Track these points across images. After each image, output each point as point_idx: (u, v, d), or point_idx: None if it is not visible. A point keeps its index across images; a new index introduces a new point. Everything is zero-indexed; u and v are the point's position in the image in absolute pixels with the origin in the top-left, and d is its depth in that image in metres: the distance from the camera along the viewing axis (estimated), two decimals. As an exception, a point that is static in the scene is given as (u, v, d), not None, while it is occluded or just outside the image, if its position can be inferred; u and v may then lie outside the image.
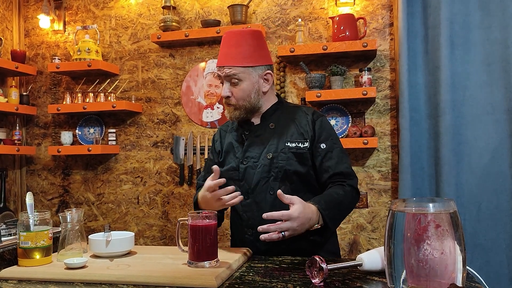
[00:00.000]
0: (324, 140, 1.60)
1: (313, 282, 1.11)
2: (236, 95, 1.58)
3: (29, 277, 1.23)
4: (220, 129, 1.78)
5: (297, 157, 1.57)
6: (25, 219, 1.33)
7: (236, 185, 1.57)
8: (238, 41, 1.58)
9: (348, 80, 2.76)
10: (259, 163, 1.58)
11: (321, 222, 1.42)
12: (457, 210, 0.87)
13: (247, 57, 1.58)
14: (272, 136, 1.61)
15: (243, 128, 1.66)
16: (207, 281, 1.11)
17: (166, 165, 3.05)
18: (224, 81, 1.59)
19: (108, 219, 3.13)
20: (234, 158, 1.63)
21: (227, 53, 1.58)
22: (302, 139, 1.59)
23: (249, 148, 1.61)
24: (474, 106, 2.43)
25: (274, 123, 1.63)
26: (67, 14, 3.27)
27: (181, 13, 3.04)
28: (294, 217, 1.33)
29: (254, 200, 1.57)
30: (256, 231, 1.48)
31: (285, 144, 1.58)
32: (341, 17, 2.64)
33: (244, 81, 1.58)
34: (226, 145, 1.68)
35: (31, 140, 3.31)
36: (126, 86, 3.13)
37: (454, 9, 2.45)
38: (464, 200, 2.41)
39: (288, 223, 1.32)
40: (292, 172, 1.55)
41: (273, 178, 1.56)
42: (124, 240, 1.41)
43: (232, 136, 1.69)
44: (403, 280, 0.86)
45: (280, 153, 1.57)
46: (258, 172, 1.57)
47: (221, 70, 1.58)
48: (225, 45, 1.60)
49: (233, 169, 1.61)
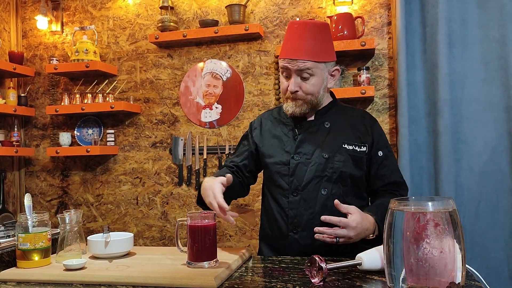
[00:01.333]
0: (381, 148, 1.60)
1: (312, 281, 1.11)
2: (306, 90, 1.53)
3: (28, 279, 1.23)
4: (261, 117, 1.73)
5: (354, 161, 1.54)
6: (24, 221, 1.33)
7: (284, 180, 1.55)
8: (310, 33, 1.52)
9: (347, 79, 2.76)
10: (313, 161, 1.53)
11: (376, 233, 1.42)
12: (456, 208, 0.87)
13: (320, 51, 1.53)
14: (327, 135, 1.57)
15: (295, 122, 1.61)
16: (207, 281, 1.10)
17: (165, 165, 3.05)
18: (293, 74, 1.52)
19: (107, 220, 3.13)
20: (282, 152, 1.58)
21: (299, 46, 1.51)
22: (359, 142, 1.56)
23: (302, 144, 1.56)
24: (473, 104, 2.43)
25: (329, 122, 1.59)
26: (64, 15, 3.26)
27: (179, 13, 3.04)
28: (352, 227, 1.34)
29: (303, 197, 1.51)
30: (302, 230, 1.49)
31: (342, 146, 1.54)
32: (339, 16, 2.64)
33: (315, 76, 1.53)
34: (271, 136, 1.63)
35: (29, 142, 3.31)
36: (124, 86, 3.12)
37: (451, 7, 2.45)
38: (463, 198, 2.41)
39: (344, 231, 1.33)
40: (347, 174, 1.53)
41: (327, 178, 1.52)
42: (123, 241, 1.41)
43: (280, 128, 1.63)
44: (403, 279, 0.86)
45: (337, 154, 1.53)
46: (311, 169, 1.52)
47: (292, 63, 1.51)
48: (295, 36, 1.52)
49: (282, 163, 1.56)
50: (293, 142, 1.57)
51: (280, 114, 1.68)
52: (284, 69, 1.54)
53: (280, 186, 1.56)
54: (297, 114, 1.56)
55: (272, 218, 1.61)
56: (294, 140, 1.57)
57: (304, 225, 1.50)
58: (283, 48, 1.56)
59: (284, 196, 1.55)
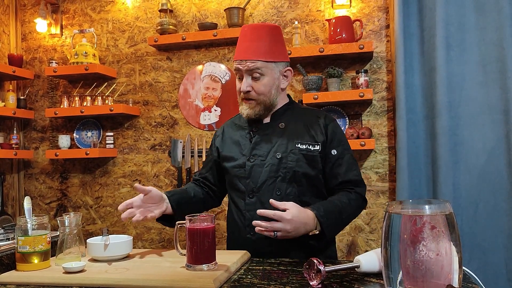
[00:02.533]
0: (335, 146, 1.59)
1: (311, 284, 1.11)
2: (257, 90, 1.55)
3: (27, 282, 1.23)
4: (224, 125, 1.76)
5: (307, 159, 1.55)
6: (23, 224, 1.33)
7: (241, 183, 1.57)
8: (260, 35, 1.55)
9: (345, 82, 2.77)
10: (267, 162, 1.55)
11: (318, 228, 1.43)
12: (453, 211, 0.87)
13: (269, 51, 1.56)
14: (281, 136, 1.58)
15: (251, 126, 1.63)
16: (206, 284, 1.11)
17: (164, 168, 3.05)
18: (244, 75, 1.55)
19: (107, 222, 3.13)
20: (240, 155, 1.60)
21: (248, 47, 1.54)
22: (313, 141, 1.57)
23: (256, 146, 1.58)
24: (470, 106, 2.44)
25: (284, 123, 1.61)
26: (64, 18, 3.27)
27: (178, 16, 3.05)
28: (286, 219, 1.35)
29: (259, 199, 1.53)
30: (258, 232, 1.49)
31: (295, 145, 1.55)
32: (337, 19, 2.65)
33: (266, 76, 1.56)
34: (231, 141, 1.65)
35: (28, 144, 3.31)
36: (124, 89, 3.13)
37: (449, 10, 2.46)
38: (461, 200, 2.42)
39: (280, 224, 1.35)
40: (301, 174, 1.53)
41: (280, 178, 1.53)
42: (122, 243, 1.41)
43: (239, 133, 1.66)
44: (400, 282, 0.86)
45: (290, 154, 1.54)
46: (266, 171, 1.54)
47: (242, 64, 1.54)
48: (246, 38, 1.56)
49: (239, 166, 1.59)
50: (249, 145, 1.60)
51: (240, 119, 1.70)
52: (237, 70, 1.58)
53: (238, 189, 1.59)
54: (252, 116, 1.58)
55: (232, 221, 1.63)
56: (250, 143, 1.60)
57: None
58: (235, 51, 1.60)
59: (242, 199, 1.57)
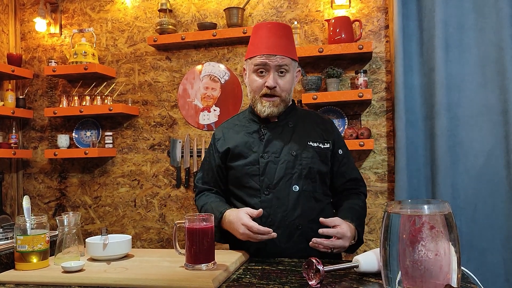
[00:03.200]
0: (341, 146, 1.66)
1: (309, 283, 1.11)
2: (282, 87, 1.55)
3: (26, 281, 1.23)
4: (222, 128, 1.71)
5: (320, 156, 1.58)
6: (22, 223, 1.33)
7: (254, 180, 1.55)
8: (285, 32, 1.57)
9: (344, 82, 2.77)
10: (282, 159, 1.55)
11: (356, 238, 1.49)
12: (451, 211, 0.88)
13: (293, 50, 1.58)
14: (292, 134, 1.60)
15: (260, 124, 1.62)
16: (204, 283, 1.11)
17: (163, 167, 3.05)
18: (272, 70, 1.53)
19: (105, 222, 3.13)
20: (250, 153, 1.57)
21: (277, 42, 1.53)
22: (323, 140, 1.61)
23: (269, 144, 1.57)
24: (469, 107, 2.45)
25: (292, 122, 1.62)
26: (63, 17, 3.27)
27: (177, 16, 3.05)
28: (348, 237, 1.40)
29: (275, 195, 1.52)
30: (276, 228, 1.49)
31: (307, 143, 1.58)
32: (336, 19, 2.65)
33: (290, 73, 1.57)
34: (237, 143, 1.61)
35: (27, 144, 3.31)
36: (123, 89, 3.13)
37: (448, 11, 2.47)
38: (460, 201, 2.42)
39: (341, 241, 1.39)
40: (316, 170, 1.56)
41: (297, 174, 1.54)
42: (121, 243, 1.41)
43: (243, 132, 1.63)
44: (399, 282, 0.86)
45: (304, 151, 1.56)
46: (281, 167, 1.54)
47: (271, 59, 1.52)
48: (271, 34, 1.55)
49: (251, 163, 1.56)
50: (259, 143, 1.58)
51: (240, 119, 1.69)
52: (261, 65, 1.54)
53: (250, 187, 1.57)
54: (274, 114, 1.57)
55: None
56: (260, 141, 1.58)
57: (279, 223, 1.51)
58: (257, 47, 1.56)
59: (255, 197, 1.55)
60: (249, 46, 1.62)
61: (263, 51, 1.53)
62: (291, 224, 1.51)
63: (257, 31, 1.59)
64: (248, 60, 1.60)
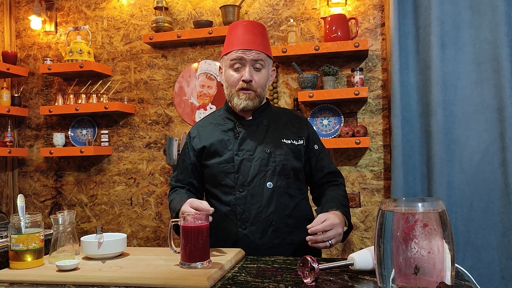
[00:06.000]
0: (316, 142, 1.72)
1: (304, 282, 1.11)
2: (258, 81, 1.58)
3: (20, 280, 1.23)
4: (197, 126, 1.73)
5: (294, 153, 1.62)
6: (16, 222, 1.33)
7: (230, 178, 1.58)
8: (260, 30, 1.62)
9: (340, 80, 2.77)
10: (256, 156, 1.58)
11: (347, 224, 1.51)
12: (445, 209, 0.88)
13: (267, 47, 1.62)
14: (266, 132, 1.63)
15: (235, 122, 1.65)
16: (199, 282, 1.11)
17: (159, 166, 3.05)
18: (248, 64, 1.57)
19: (101, 220, 3.13)
20: (225, 151, 1.60)
21: (252, 38, 1.58)
22: (296, 137, 1.65)
23: (243, 142, 1.60)
24: (465, 105, 2.45)
25: (266, 120, 1.66)
26: (58, 15, 3.25)
27: (173, 14, 3.04)
28: (336, 223, 1.40)
29: (249, 192, 1.55)
30: (251, 224, 1.53)
31: (281, 141, 1.62)
32: (333, 17, 2.65)
33: (265, 69, 1.61)
34: (213, 141, 1.63)
35: (23, 142, 3.30)
36: (119, 87, 3.12)
37: (444, 8, 2.47)
38: (455, 198, 2.43)
39: (332, 231, 1.39)
40: (289, 167, 1.60)
41: (271, 171, 1.57)
42: (116, 241, 1.40)
43: (219, 130, 1.65)
44: (393, 279, 0.86)
45: (278, 149, 1.60)
46: (255, 165, 1.57)
47: (247, 53, 1.56)
48: (246, 31, 1.59)
49: (226, 161, 1.59)
50: (234, 141, 1.61)
51: (215, 118, 1.71)
52: (237, 60, 1.57)
53: (225, 185, 1.59)
54: (249, 107, 1.59)
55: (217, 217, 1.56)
56: (235, 139, 1.61)
57: (253, 220, 1.54)
58: (233, 43, 1.59)
59: (230, 194, 1.57)
60: (225, 43, 1.65)
61: (239, 46, 1.57)
62: (265, 220, 1.54)
63: (233, 28, 1.63)
64: (224, 56, 1.63)
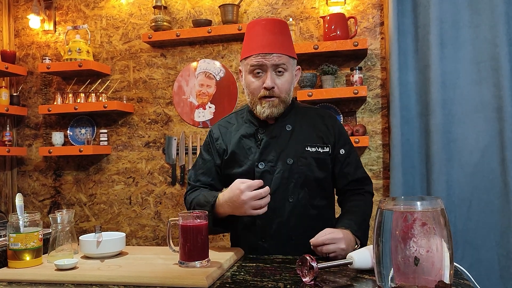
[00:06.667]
0: (343, 145, 1.57)
1: (303, 280, 1.11)
2: (281, 87, 1.46)
3: (19, 279, 1.22)
4: (219, 126, 1.62)
5: (318, 163, 1.51)
6: (15, 221, 1.32)
7: None
8: (282, 29, 1.48)
9: (339, 79, 2.77)
10: (277, 168, 1.48)
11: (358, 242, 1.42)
12: (444, 208, 0.88)
13: (290, 47, 1.49)
14: (289, 139, 1.52)
15: (257, 128, 1.54)
16: (198, 281, 1.11)
17: (158, 165, 3.04)
18: (269, 70, 1.45)
19: (100, 219, 3.12)
20: (246, 161, 1.51)
21: (272, 40, 1.44)
22: (322, 143, 1.53)
23: (265, 151, 1.49)
24: (464, 104, 2.45)
25: (290, 124, 1.54)
26: (57, 14, 3.25)
27: (172, 13, 3.04)
28: (339, 238, 1.33)
29: (270, 207, 1.39)
30: (271, 239, 1.47)
31: (304, 149, 1.50)
32: (332, 16, 2.65)
33: (288, 72, 1.48)
34: (234, 144, 1.54)
35: (22, 141, 3.29)
36: (118, 86, 3.11)
37: (443, 8, 2.47)
38: (454, 197, 2.43)
39: (333, 246, 1.32)
40: (312, 178, 1.50)
41: (293, 184, 1.48)
42: (115, 240, 1.40)
43: (240, 136, 1.55)
44: (391, 278, 0.86)
45: (300, 158, 1.49)
46: (277, 177, 1.47)
47: (268, 58, 1.43)
48: (266, 31, 1.46)
49: (246, 172, 1.49)
50: (256, 149, 1.51)
51: (238, 119, 1.61)
52: (257, 66, 1.46)
53: None
54: (273, 115, 1.49)
55: (241, 226, 1.54)
56: (257, 147, 1.51)
57: (273, 234, 1.48)
58: (252, 46, 1.47)
59: None
60: (243, 45, 1.53)
61: (259, 50, 1.44)
62: (285, 235, 1.48)
63: (251, 29, 1.50)
64: (243, 60, 1.52)
